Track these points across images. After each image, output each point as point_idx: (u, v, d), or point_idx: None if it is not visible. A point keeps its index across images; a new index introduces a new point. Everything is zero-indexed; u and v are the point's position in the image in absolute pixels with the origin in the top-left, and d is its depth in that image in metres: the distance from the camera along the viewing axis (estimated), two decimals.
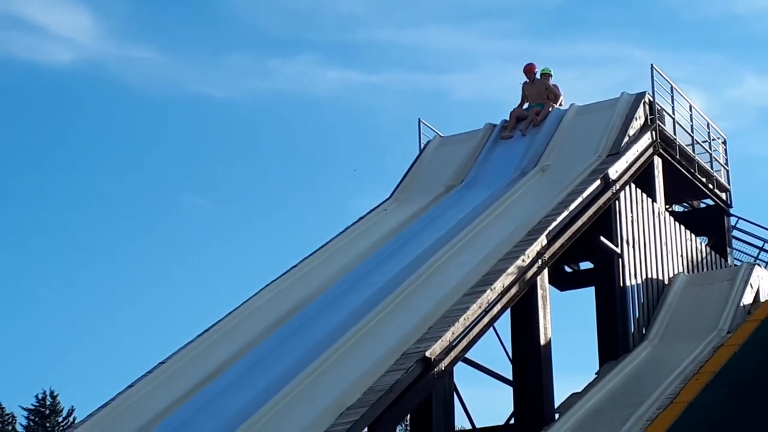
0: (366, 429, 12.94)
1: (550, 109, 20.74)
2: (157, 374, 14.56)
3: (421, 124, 22.08)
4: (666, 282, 19.70)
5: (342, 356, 13.86)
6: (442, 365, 13.79)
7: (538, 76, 21.11)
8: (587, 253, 19.25)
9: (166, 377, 14.44)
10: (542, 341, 16.32)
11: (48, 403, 45.42)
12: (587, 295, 19.33)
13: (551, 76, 21.11)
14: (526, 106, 21.08)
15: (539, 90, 20.97)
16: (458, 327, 14.12)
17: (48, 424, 44.47)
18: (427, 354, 13.39)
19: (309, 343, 14.66)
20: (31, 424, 44.88)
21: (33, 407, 45.20)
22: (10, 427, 44.77)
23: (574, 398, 16.21)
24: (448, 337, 13.88)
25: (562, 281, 20.57)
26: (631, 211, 19.04)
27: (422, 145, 21.66)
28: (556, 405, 16.29)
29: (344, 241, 18.20)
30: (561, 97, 21.09)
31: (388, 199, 20.17)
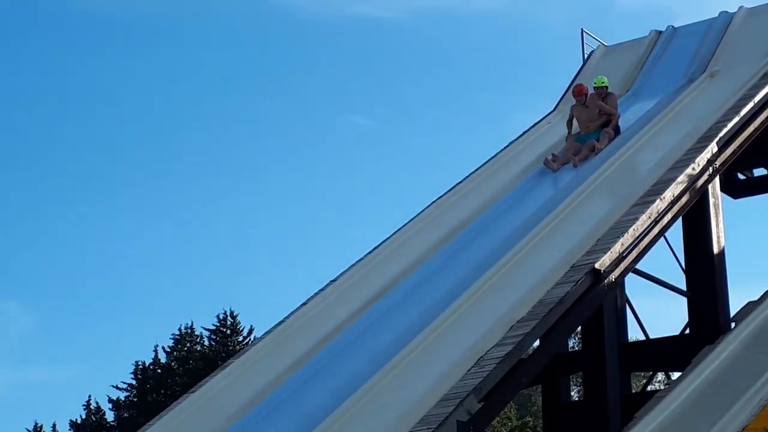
0: (537, 341, 13.00)
1: (609, 140, 17.38)
2: (327, 293, 14.87)
3: (584, 34, 21.67)
4: None
5: (511, 270, 13.89)
6: (612, 277, 13.67)
7: (591, 89, 18.01)
8: (761, 159, 18.76)
9: (337, 296, 14.73)
10: (716, 250, 16.05)
11: (228, 323, 46.75)
12: (763, 202, 18.87)
13: (606, 87, 18.01)
14: (576, 131, 17.89)
15: (591, 114, 17.76)
16: (627, 238, 13.95)
17: (229, 344, 45.77)
18: (597, 266, 13.28)
19: (477, 258, 14.72)
20: (213, 344, 46.29)
21: (214, 327, 46.62)
22: (198, 347, 46.34)
23: (750, 307, 15.87)
24: (617, 248, 13.72)
25: (735, 188, 20.09)
26: None
27: (585, 56, 21.30)
28: (732, 314, 16.03)
29: (509, 156, 18.13)
30: (617, 115, 17.78)
31: (551, 112, 19.96)
